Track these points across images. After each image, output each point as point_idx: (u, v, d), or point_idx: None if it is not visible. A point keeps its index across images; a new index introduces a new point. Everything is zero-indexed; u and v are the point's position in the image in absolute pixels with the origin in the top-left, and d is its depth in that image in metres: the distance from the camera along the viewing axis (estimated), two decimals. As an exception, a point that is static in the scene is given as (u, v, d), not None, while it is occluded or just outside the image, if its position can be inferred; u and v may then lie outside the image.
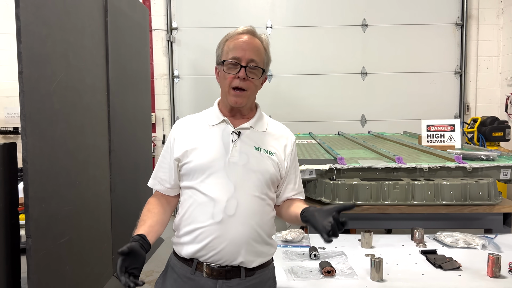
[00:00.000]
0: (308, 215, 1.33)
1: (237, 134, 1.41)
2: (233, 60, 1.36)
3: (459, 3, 5.42)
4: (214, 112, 1.47)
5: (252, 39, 1.41)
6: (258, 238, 1.36)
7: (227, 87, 1.38)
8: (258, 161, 1.39)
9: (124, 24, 3.39)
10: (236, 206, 1.33)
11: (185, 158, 1.39)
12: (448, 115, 5.48)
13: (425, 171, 2.30)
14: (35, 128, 2.06)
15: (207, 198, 1.34)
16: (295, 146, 1.56)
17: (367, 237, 1.94)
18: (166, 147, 1.47)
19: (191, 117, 1.50)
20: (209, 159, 1.37)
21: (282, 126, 1.57)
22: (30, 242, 2.03)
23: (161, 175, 1.46)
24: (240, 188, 1.35)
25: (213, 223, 1.32)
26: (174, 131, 1.46)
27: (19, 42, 1.96)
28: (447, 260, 1.72)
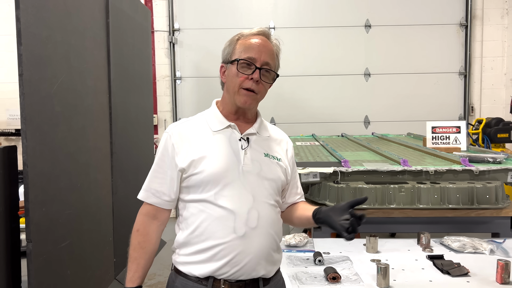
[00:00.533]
0: (322, 216, 1.32)
1: (246, 141, 1.35)
2: (249, 61, 1.30)
3: (463, 4, 5.38)
4: (216, 117, 1.38)
5: (267, 42, 1.37)
6: (276, 247, 1.34)
7: (237, 87, 1.31)
8: (270, 168, 1.35)
9: (126, 25, 3.37)
10: (257, 217, 1.28)
11: (193, 169, 1.28)
12: (452, 116, 5.44)
13: (431, 174, 2.26)
14: (36, 131, 2.04)
15: (225, 211, 1.25)
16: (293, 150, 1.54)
17: (373, 241, 1.91)
18: (162, 155, 1.33)
19: (188, 122, 1.39)
20: (222, 168, 1.28)
21: (279, 129, 1.53)
22: (30, 247, 2.01)
23: (157, 186, 1.33)
24: (257, 198, 1.30)
25: (235, 238, 1.24)
26: (173, 138, 1.33)
27: (20, 44, 1.94)
28: (455, 266, 1.69)
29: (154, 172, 1.35)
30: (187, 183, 1.30)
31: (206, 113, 1.41)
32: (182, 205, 1.34)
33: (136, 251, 1.31)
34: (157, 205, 1.33)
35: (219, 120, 1.36)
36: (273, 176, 1.35)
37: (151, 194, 1.33)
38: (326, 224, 1.30)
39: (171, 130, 1.35)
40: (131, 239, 1.32)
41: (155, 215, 1.34)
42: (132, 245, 1.32)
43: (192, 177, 1.28)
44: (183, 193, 1.33)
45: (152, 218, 1.33)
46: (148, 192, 1.34)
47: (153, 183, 1.34)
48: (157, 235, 1.35)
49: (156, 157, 1.36)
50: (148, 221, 1.33)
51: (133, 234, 1.32)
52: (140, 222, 1.33)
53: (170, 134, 1.34)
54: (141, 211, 1.35)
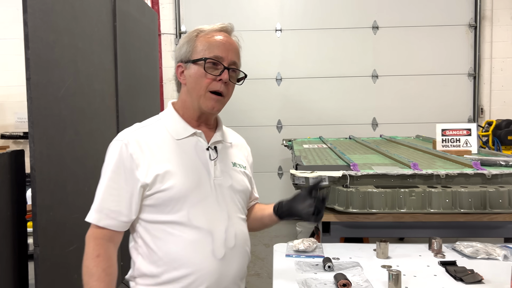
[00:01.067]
0: (286, 210, 1.28)
1: (214, 150, 1.22)
2: (216, 60, 1.16)
3: (472, 4, 5.33)
4: (178, 123, 1.21)
5: (231, 39, 1.24)
6: (248, 262, 1.25)
7: (203, 90, 1.17)
8: (239, 179, 1.25)
9: (133, 28, 3.37)
10: (234, 235, 1.17)
11: (159, 185, 1.11)
12: (462, 118, 5.38)
13: (442, 178, 2.23)
14: (43, 135, 2.03)
15: (201, 232, 1.11)
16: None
17: (383, 247, 1.87)
18: (117, 168, 1.12)
19: (145, 129, 1.20)
20: (193, 183, 1.13)
21: (235, 132, 1.42)
22: (38, 251, 2.00)
23: (112, 206, 1.12)
24: (232, 214, 1.19)
25: (213, 262, 1.12)
26: (130, 147, 1.13)
27: (27, 48, 1.93)
28: (468, 272, 1.65)
29: (107, 189, 1.14)
30: (151, 201, 1.13)
31: (164, 118, 1.24)
32: (142, 226, 1.16)
33: (101, 280, 1.10)
34: (113, 228, 1.13)
35: (182, 127, 1.21)
36: (243, 188, 1.26)
37: (105, 216, 1.12)
38: (290, 216, 1.27)
39: (126, 138, 1.15)
40: (90, 268, 1.10)
41: (111, 237, 1.14)
42: (94, 275, 1.10)
43: (158, 195, 1.11)
44: (145, 212, 1.14)
45: (108, 241, 1.14)
46: (101, 214, 1.13)
47: (107, 202, 1.13)
48: (116, 261, 1.16)
49: (106, 170, 1.15)
50: (106, 243, 1.13)
51: (92, 261, 1.11)
52: (99, 246, 1.12)
53: (126, 143, 1.14)
54: (92, 235, 1.14)
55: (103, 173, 1.16)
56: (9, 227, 2.04)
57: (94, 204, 1.15)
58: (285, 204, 1.29)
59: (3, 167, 1.98)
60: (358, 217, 2.13)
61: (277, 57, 5.45)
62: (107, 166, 1.16)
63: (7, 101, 5.36)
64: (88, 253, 1.12)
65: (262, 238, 4.63)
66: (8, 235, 2.03)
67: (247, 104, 5.43)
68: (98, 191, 1.16)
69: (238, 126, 5.39)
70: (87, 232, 1.16)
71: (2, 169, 1.98)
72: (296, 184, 2.20)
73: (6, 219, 2.00)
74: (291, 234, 4.55)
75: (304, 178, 2.17)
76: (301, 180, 2.18)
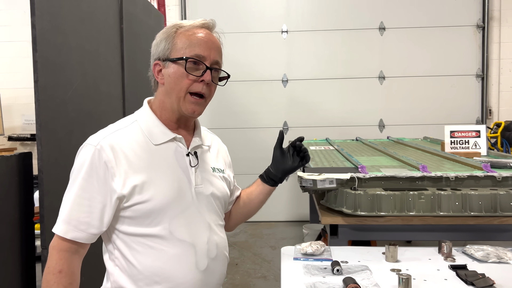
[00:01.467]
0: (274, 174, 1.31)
1: (194, 156, 1.15)
2: (197, 59, 1.09)
3: (480, 5, 5.28)
4: (157, 126, 1.13)
5: (214, 36, 1.15)
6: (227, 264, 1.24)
7: (183, 92, 1.09)
8: (219, 186, 1.20)
9: (140, 30, 3.37)
10: (216, 245, 1.14)
11: (137, 196, 1.04)
12: (470, 119, 5.34)
13: (452, 180, 2.20)
14: (51, 137, 2.03)
15: (183, 245, 1.07)
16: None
17: (392, 250, 1.85)
18: (89, 176, 1.04)
19: (120, 132, 1.10)
20: (174, 193, 1.07)
21: (209, 132, 1.34)
22: (45, 253, 2.00)
23: (82, 217, 1.03)
24: (212, 222, 1.15)
25: (197, 274, 1.08)
26: (103, 153, 1.04)
27: (35, 50, 1.94)
28: (480, 276, 1.62)
29: (76, 198, 1.04)
30: (130, 213, 1.06)
31: (141, 119, 1.15)
32: (119, 238, 1.08)
33: None
34: (81, 241, 1.05)
35: (160, 131, 1.12)
36: (222, 195, 1.21)
37: (73, 227, 1.04)
38: (281, 176, 1.31)
39: (100, 142, 1.06)
40: (50, 284, 1.02)
41: (77, 250, 1.06)
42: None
43: (137, 206, 1.05)
44: (123, 224, 1.07)
45: (73, 253, 1.06)
46: (68, 225, 1.04)
47: (76, 212, 1.04)
48: (79, 275, 1.09)
49: (76, 177, 1.05)
50: (70, 257, 1.05)
51: (53, 276, 1.02)
52: (62, 261, 1.04)
53: (99, 148, 1.05)
54: (57, 246, 1.05)
55: (72, 180, 1.07)
56: (17, 229, 2.04)
57: (61, 215, 1.06)
58: (271, 169, 1.31)
59: (11, 169, 1.99)
60: (366, 220, 2.11)
61: (283, 59, 5.44)
62: (77, 173, 1.06)
63: (14, 103, 5.39)
64: (50, 267, 1.04)
65: (269, 240, 4.62)
66: (16, 237, 2.04)
67: (253, 106, 5.42)
68: (66, 200, 1.06)
69: (243, 127, 5.38)
70: (51, 242, 1.07)
71: (10, 171, 1.98)
72: (304, 187, 2.18)
73: (14, 221, 2.01)
74: (297, 237, 4.54)
75: (312, 181, 2.16)
76: (309, 182, 2.16)
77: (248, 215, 1.41)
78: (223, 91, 5.52)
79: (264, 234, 4.82)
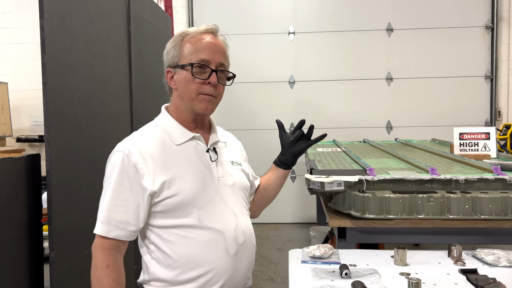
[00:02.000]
0: (284, 158, 1.41)
1: (214, 151, 1.26)
2: (202, 64, 1.19)
3: (489, 6, 5.24)
4: (176, 127, 1.24)
5: (217, 40, 1.24)
6: (255, 252, 1.33)
7: (194, 93, 1.20)
8: (239, 177, 1.31)
9: (147, 32, 3.38)
10: (243, 232, 1.23)
11: (166, 191, 1.14)
12: (478, 121, 5.29)
13: (461, 183, 2.18)
14: (59, 139, 2.04)
15: (213, 232, 1.16)
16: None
17: (401, 254, 1.83)
18: (121, 179, 1.13)
19: (144, 137, 1.21)
20: (199, 186, 1.17)
21: (225, 131, 1.46)
22: (53, 255, 2.01)
23: (119, 216, 1.13)
24: (238, 211, 1.24)
25: (227, 259, 1.17)
26: (132, 157, 1.14)
27: (43, 53, 1.95)
28: (490, 281, 1.60)
29: (112, 200, 1.14)
30: (161, 208, 1.16)
31: (161, 124, 1.27)
32: (153, 233, 1.18)
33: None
34: (122, 239, 1.15)
35: (180, 132, 1.24)
36: (244, 185, 1.32)
37: (113, 227, 1.13)
38: (292, 160, 1.40)
39: (127, 148, 1.16)
40: (100, 279, 1.12)
41: (118, 247, 1.17)
42: (105, 286, 1.12)
43: (168, 200, 1.14)
44: (156, 218, 1.17)
45: (115, 251, 1.16)
46: (109, 225, 1.13)
47: (114, 213, 1.14)
48: (123, 269, 1.19)
49: (109, 182, 1.16)
50: (114, 253, 1.15)
51: (102, 271, 1.12)
52: (108, 256, 1.14)
53: (127, 153, 1.15)
54: (100, 245, 1.15)
55: (106, 184, 1.17)
56: (25, 231, 2.05)
57: (100, 216, 1.15)
58: (284, 154, 1.40)
59: (19, 171, 1.99)
60: (374, 222, 2.10)
61: (290, 60, 5.43)
62: (110, 178, 1.16)
63: (22, 105, 5.44)
64: (97, 264, 1.14)
65: (275, 242, 4.60)
66: (24, 239, 2.05)
67: (260, 107, 5.42)
68: (103, 203, 1.16)
69: (250, 129, 5.38)
70: (94, 242, 1.17)
71: (19, 173, 1.99)
72: (311, 189, 2.17)
73: (22, 222, 2.02)
74: (304, 239, 4.52)
75: (320, 183, 2.14)
76: (317, 184, 2.15)
77: (269, 199, 1.52)
78: (229, 92, 5.51)
79: (271, 236, 4.80)
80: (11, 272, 1.97)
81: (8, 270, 1.94)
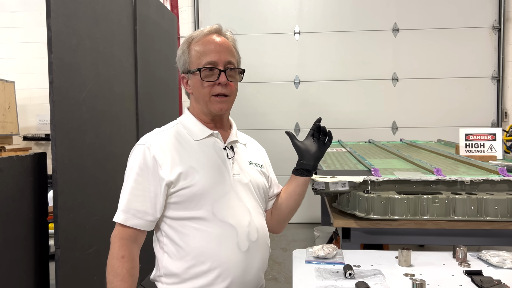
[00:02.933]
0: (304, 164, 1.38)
1: (231, 149, 1.29)
2: (210, 66, 1.21)
3: (496, 6, 5.20)
4: (196, 125, 1.28)
5: (222, 38, 1.27)
6: (269, 254, 1.32)
7: (208, 96, 1.23)
8: (256, 177, 1.32)
9: (153, 32, 3.39)
10: (256, 229, 1.23)
11: (182, 182, 1.17)
12: (485, 122, 5.26)
13: (467, 184, 2.17)
14: (65, 138, 2.06)
15: (226, 226, 1.16)
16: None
17: (406, 255, 1.83)
18: (141, 170, 1.18)
19: (165, 132, 1.26)
20: (214, 179, 1.19)
21: (249, 136, 1.50)
22: (58, 253, 2.02)
23: (138, 206, 1.17)
24: (252, 209, 1.25)
25: (239, 254, 1.16)
26: (152, 149, 1.18)
27: (50, 52, 1.96)
28: (495, 283, 1.59)
29: (132, 190, 1.18)
30: (176, 199, 1.17)
31: (183, 121, 1.31)
32: (167, 224, 1.20)
33: (125, 281, 1.14)
34: (139, 228, 1.18)
35: (199, 129, 1.28)
36: (260, 185, 1.32)
37: (131, 216, 1.17)
38: (314, 163, 1.38)
39: (148, 141, 1.22)
40: (115, 268, 1.15)
41: (135, 238, 1.20)
42: (118, 275, 1.14)
43: (183, 191, 1.17)
44: (170, 209, 1.19)
45: (132, 242, 1.19)
46: (127, 214, 1.18)
47: (133, 202, 1.18)
48: (138, 261, 1.22)
49: (130, 173, 1.20)
50: (131, 245, 1.18)
51: (117, 261, 1.15)
52: (124, 247, 1.17)
53: (148, 146, 1.20)
54: (118, 235, 1.19)
55: (127, 175, 1.21)
56: (31, 229, 2.06)
57: (120, 205, 1.20)
58: (304, 160, 1.38)
59: (26, 169, 2.01)
60: (379, 223, 2.09)
61: (295, 60, 5.42)
62: (131, 169, 1.21)
63: (29, 104, 5.47)
64: (113, 253, 1.17)
65: (279, 242, 4.60)
66: (30, 236, 2.06)
67: (265, 107, 5.42)
68: (124, 193, 1.20)
69: (255, 129, 5.38)
70: (113, 232, 1.20)
71: (25, 171, 2.01)
72: (316, 189, 2.17)
73: (28, 220, 2.03)
74: (308, 239, 4.51)
75: (324, 183, 2.14)
76: (321, 185, 2.15)
77: (292, 210, 1.48)
78: (235, 92, 5.50)
79: (275, 236, 4.81)
80: (17, 270, 1.98)
81: (14, 267, 1.95)
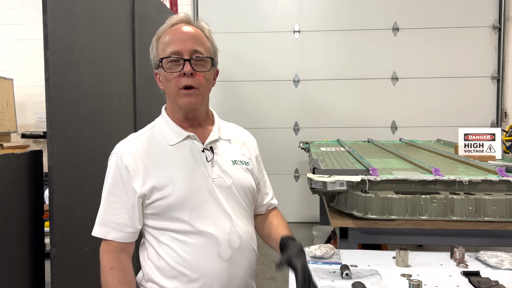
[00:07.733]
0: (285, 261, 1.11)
1: (210, 151, 1.19)
2: (173, 56, 1.13)
3: (496, 6, 5.19)
4: (171, 127, 1.21)
5: (189, 27, 1.21)
6: (256, 258, 1.25)
7: (175, 90, 1.15)
8: (240, 177, 1.22)
9: (152, 29, 3.37)
10: (239, 236, 1.15)
11: (156, 194, 1.11)
12: (484, 122, 5.25)
13: (465, 184, 2.16)
14: (61, 136, 2.04)
15: (205, 236, 1.11)
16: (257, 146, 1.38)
17: (403, 255, 1.82)
18: (115, 181, 1.14)
19: (139, 139, 1.20)
20: (191, 188, 1.12)
21: (238, 127, 1.39)
22: (54, 251, 2.01)
23: (115, 218, 1.13)
24: (234, 214, 1.17)
25: (221, 264, 1.11)
26: (124, 159, 1.14)
27: (46, 49, 1.95)
28: (493, 284, 1.59)
29: (107, 202, 1.15)
30: (152, 210, 1.14)
31: (158, 124, 1.25)
32: (149, 233, 1.16)
33: None
34: (121, 240, 1.14)
35: (175, 131, 1.20)
36: (245, 186, 1.22)
37: (111, 229, 1.13)
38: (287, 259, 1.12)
39: (120, 150, 1.17)
40: (106, 281, 1.12)
41: (122, 249, 1.16)
42: (110, 287, 1.11)
43: (158, 203, 1.12)
44: (148, 219, 1.16)
45: (120, 252, 1.15)
46: (106, 227, 1.14)
47: (110, 215, 1.14)
48: (132, 269, 1.17)
49: (105, 184, 1.17)
50: (118, 255, 1.15)
51: (107, 274, 1.12)
52: (111, 259, 1.13)
53: (120, 155, 1.15)
54: (103, 250, 1.15)
55: (104, 187, 1.18)
56: (27, 227, 2.05)
57: (98, 219, 1.16)
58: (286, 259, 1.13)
59: (21, 167, 2.00)
60: (377, 223, 2.08)
61: (295, 59, 5.41)
62: (106, 180, 1.18)
63: (28, 101, 5.46)
64: (103, 267, 1.14)
65: (278, 241, 4.58)
66: (26, 234, 2.05)
67: (264, 106, 5.40)
68: (101, 205, 1.17)
69: (254, 127, 5.36)
70: (100, 247, 1.18)
71: (21, 169, 2.00)
72: (313, 188, 2.16)
73: (24, 218, 2.02)
74: (307, 238, 4.50)
75: (322, 183, 2.13)
76: (319, 184, 2.14)
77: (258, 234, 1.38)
78: (234, 91, 5.50)
79: (274, 235, 4.78)
80: (13, 268, 1.97)
81: (9, 265, 1.94)
